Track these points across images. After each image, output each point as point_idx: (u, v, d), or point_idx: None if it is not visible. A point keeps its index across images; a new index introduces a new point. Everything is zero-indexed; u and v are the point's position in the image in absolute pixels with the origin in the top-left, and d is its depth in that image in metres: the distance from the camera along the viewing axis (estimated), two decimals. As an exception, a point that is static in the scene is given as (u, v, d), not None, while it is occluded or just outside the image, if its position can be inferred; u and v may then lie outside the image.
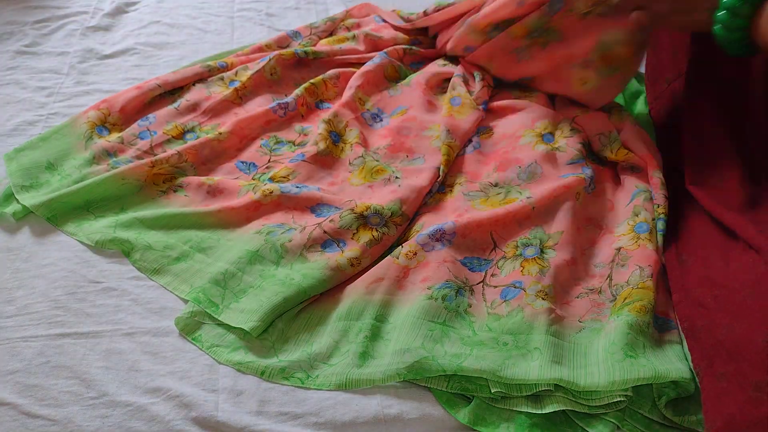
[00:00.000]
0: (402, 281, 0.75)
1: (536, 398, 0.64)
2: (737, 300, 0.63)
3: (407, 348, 0.66)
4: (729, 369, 0.58)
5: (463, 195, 0.85)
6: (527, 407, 0.63)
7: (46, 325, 0.70)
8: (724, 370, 0.59)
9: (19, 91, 1.04)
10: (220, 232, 0.80)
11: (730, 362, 0.59)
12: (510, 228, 0.80)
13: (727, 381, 0.58)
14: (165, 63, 1.13)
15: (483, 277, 0.76)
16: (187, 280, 0.74)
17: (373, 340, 0.69)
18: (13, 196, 0.83)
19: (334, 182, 0.88)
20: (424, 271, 0.75)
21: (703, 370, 0.62)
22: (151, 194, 0.85)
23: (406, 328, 0.69)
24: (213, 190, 0.85)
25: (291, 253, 0.77)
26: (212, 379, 0.66)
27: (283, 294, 0.71)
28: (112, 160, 0.88)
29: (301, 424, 0.62)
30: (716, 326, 0.63)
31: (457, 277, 0.74)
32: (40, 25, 1.21)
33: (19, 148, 0.89)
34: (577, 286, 0.75)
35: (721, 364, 0.60)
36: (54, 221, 0.81)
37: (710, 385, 0.60)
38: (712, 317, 0.64)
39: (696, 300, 0.68)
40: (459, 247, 0.78)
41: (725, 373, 0.59)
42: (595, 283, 0.76)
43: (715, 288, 0.67)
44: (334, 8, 1.31)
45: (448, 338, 0.68)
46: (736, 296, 0.63)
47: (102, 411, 0.63)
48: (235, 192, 0.84)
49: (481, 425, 0.62)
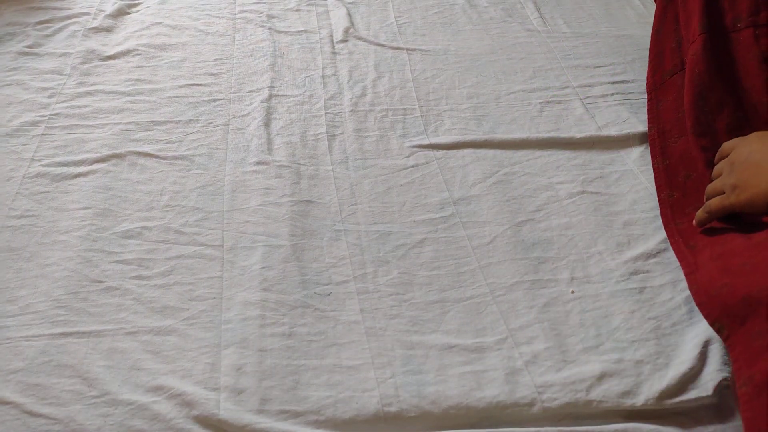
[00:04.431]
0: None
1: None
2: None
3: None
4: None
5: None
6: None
7: (49, 325, 0.70)
8: (760, 328, 0.60)
9: (21, 91, 1.05)
10: None
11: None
12: None
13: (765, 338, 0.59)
14: (167, 64, 1.14)
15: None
16: None
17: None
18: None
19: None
20: None
21: (729, 328, 0.63)
22: None
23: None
24: None
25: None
26: (213, 377, 0.66)
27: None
28: None
29: (302, 423, 0.63)
30: (748, 285, 0.64)
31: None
32: (42, 26, 1.21)
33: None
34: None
35: (758, 323, 0.61)
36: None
37: (743, 343, 0.61)
38: (741, 278, 0.65)
39: (713, 268, 0.69)
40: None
41: (762, 331, 0.60)
42: None
43: (736, 258, 0.68)
44: (334, 10, 1.32)
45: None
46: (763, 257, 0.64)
47: (104, 410, 0.63)
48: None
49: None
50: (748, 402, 0.58)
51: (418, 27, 1.28)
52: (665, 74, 0.96)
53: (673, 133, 0.91)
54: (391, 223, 0.85)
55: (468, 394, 0.66)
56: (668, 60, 0.96)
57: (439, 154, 0.96)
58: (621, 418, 0.65)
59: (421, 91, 1.09)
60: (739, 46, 0.85)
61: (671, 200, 0.84)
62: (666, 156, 0.89)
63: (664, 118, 0.93)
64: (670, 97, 0.94)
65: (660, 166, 0.89)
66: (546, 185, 0.91)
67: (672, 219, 0.82)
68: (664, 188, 0.86)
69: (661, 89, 0.96)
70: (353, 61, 1.17)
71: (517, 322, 0.73)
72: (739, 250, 0.70)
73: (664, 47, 0.97)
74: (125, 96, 1.06)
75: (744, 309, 0.63)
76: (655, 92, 0.96)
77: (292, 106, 1.06)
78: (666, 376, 0.67)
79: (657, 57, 0.98)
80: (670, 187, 0.86)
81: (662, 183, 0.87)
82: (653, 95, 0.97)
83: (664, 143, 0.91)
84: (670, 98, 0.94)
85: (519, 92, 1.09)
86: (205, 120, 1.02)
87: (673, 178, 0.87)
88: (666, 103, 0.94)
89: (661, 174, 0.88)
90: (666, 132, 0.92)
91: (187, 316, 0.73)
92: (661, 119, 0.93)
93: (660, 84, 0.96)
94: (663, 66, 0.96)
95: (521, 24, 1.28)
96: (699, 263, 0.73)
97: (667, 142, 0.91)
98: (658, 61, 0.97)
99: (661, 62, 0.97)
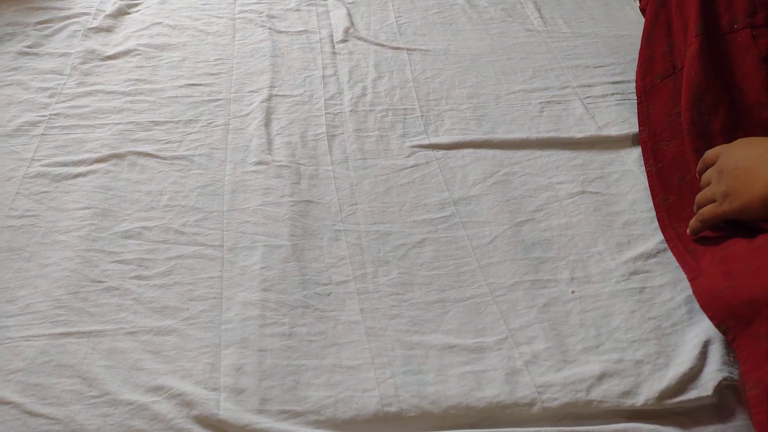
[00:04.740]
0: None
1: None
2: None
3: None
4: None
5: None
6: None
7: (49, 325, 0.70)
8: (766, 330, 0.60)
9: (21, 92, 1.05)
10: None
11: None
12: None
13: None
14: (167, 64, 1.14)
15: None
16: None
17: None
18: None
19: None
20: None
21: (735, 329, 0.64)
22: None
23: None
24: None
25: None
26: (213, 377, 0.66)
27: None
28: None
29: (302, 423, 0.63)
30: (752, 287, 0.64)
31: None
32: (42, 26, 1.21)
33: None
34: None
35: (764, 325, 0.61)
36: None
37: (750, 345, 0.61)
38: (744, 281, 0.65)
39: (716, 272, 0.70)
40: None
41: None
42: None
43: (738, 262, 0.68)
44: (334, 10, 1.32)
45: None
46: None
47: (104, 410, 0.63)
48: None
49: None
50: (759, 404, 0.58)
51: (418, 27, 1.28)
52: (656, 78, 0.96)
53: (664, 136, 0.91)
54: (391, 223, 0.85)
55: (468, 394, 0.66)
56: (659, 64, 0.96)
57: (439, 154, 0.96)
58: (621, 418, 0.65)
59: (421, 91, 1.09)
60: (736, 47, 0.85)
61: (666, 204, 0.84)
62: (658, 159, 0.89)
63: (654, 121, 0.93)
64: (661, 101, 0.94)
65: (653, 169, 0.89)
66: (546, 185, 0.91)
67: (669, 223, 0.82)
68: (658, 192, 0.86)
69: (651, 93, 0.96)
70: (353, 61, 1.17)
71: (517, 322, 0.73)
72: (740, 254, 0.70)
73: (655, 51, 0.97)
74: (125, 96, 1.06)
75: (749, 311, 0.63)
76: (645, 95, 0.97)
77: (292, 106, 1.06)
78: (666, 376, 0.67)
79: (647, 61, 0.98)
80: (665, 190, 0.86)
81: (656, 187, 0.87)
82: (643, 98, 0.97)
83: (655, 146, 0.91)
84: (660, 102, 0.94)
85: (519, 92, 1.09)
86: (205, 120, 1.02)
87: (666, 181, 0.87)
88: (656, 107, 0.94)
89: (654, 177, 0.88)
90: (657, 135, 0.92)
91: (187, 316, 0.73)
92: (652, 122, 0.94)
93: (650, 87, 0.96)
94: (653, 69, 0.96)
95: (521, 24, 1.28)
96: (701, 268, 0.73)
97: (659, 145, 0.91)
98: (649, 64, 0.98)
99: (651, 66, 0.97)
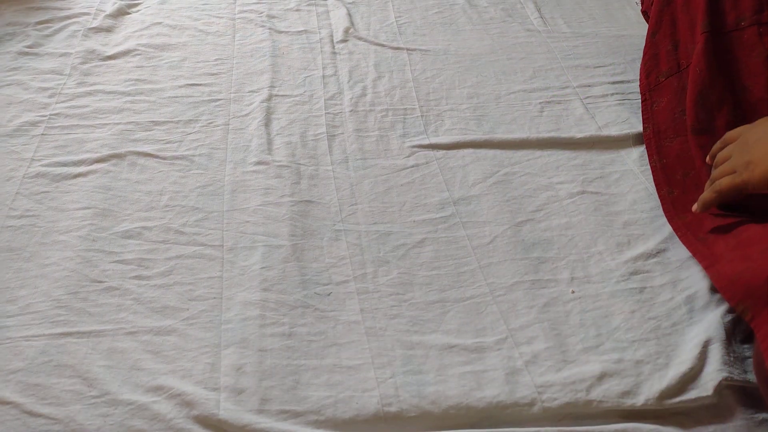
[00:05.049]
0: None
1: None
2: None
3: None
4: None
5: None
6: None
7: (48, 325, 0.70)
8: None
9: (21, 91, 1.05)
10: None
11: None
12: None
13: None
14: (167, 64, 1.14)
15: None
16: None
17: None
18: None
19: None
20: None
21: (754, 309, 0.64)
22: None
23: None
24: None
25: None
26: (213, 377, 0.66)
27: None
28: None
29: (302, 423, 0.63)
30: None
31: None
32: (42, 26, 1.21)
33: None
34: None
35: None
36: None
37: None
38: (763, 262, 0.66)
39: (733, 257, 0.70)
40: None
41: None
42: None
43: (754, 246, 0.68)
44: (334, 10, 1.32)
45: None
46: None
47: (103, 410, 0.63)
48: None
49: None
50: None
51: (418, 27, 1.28)
52: (660, 75, 0.96)
53: (669, 133, 0.91)
54: (391, 223, 0.85)
55: (468, 394, 0.66)
56: (664, 62, 0.96)
57: (439, 154, 0.96)
58: (621, 418, 0.65)
59: (421, 91, 1.09)
60: (742, 44, 0.86)
61: (672, 197, 0.85)
62: (662, 155, 0.90)
63: (659, 119, 0.94)
64: (665, 99, 0.94)
65: (657, 165, 0.90)
66: (546, 185, 0.91)
67: (675, 214, 0.82)
68: (663, 186, 0.87)
69: (655, 90, 0.96)
70: (353, 61, 1.17)
71: (517, 322, 0.73)
72: (756, 238, 0.70)
73: (660, 49, 0.97)
74: (125, 96, 1.06)
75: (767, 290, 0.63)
76: (650, 93, 0.97)
77: (292, 106, 1.06)
78: (666, 376, 0.67)
79: (652, 59, 0.98)
80: (669, 184, 0.86)
81: (661, 181, 0.87)
82: (647, 96, 0.97)
83: (659, 143, 0.91)
84: (665, 99, 0.94)
85: (519, 92, 1.09)
86: (205, 120, 1.02)
87: (671, 177, 0.87)
88: (661, 105, 0.94)
89: (658, 172, 0.89)
90: (661, 132, 0.92)
91: (187, 316, 0.73)
92: (656, 120, 0.94)
93: (655, 85, 0.96)
94: (658, 68, 0.97)
95: (521, 24, 1.28)
96: (716, 255, 0.73)
97: (663, 142, 0.91)
98: (654, 62, 0.98)
99: (656, 64, 0.97)
